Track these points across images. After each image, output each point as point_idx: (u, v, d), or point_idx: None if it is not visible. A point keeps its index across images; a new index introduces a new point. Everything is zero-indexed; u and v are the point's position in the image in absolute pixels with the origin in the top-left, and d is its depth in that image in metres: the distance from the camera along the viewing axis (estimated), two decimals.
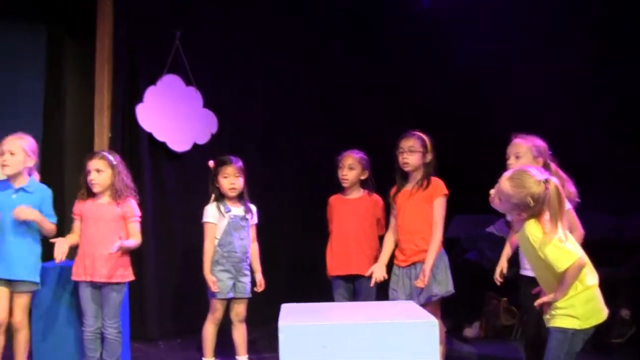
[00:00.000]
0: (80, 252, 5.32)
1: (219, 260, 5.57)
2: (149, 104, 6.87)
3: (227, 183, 5.63)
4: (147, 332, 6.76)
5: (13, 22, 7.34)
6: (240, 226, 5.64)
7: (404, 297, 5.24)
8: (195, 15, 7.12)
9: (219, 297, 5.54)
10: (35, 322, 5.47)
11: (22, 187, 5.26)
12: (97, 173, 5.30)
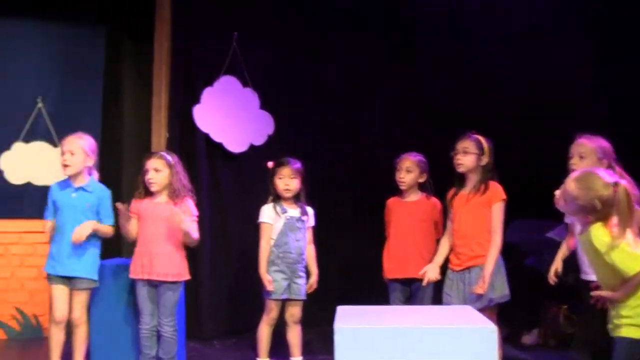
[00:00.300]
0: (138, 250, 5.36)
1: (274, 260, 5.59)
2: (206, 105, 6.92)
3: (282, 184, 5.64)
4: (203, 331, 6.81)
5: (73, 26, 7.48)
6: (296, 227, 5.64)
7: (458, 301, 5.19)
8: (252, 17, 7.14)
9: (273, 297, 5.57)
10: (93, 319, 5.53)
11: (81, 186, 5.33)
12: (155, 172, 5.34)
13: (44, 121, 7.36)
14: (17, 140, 7.30)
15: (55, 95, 7.47)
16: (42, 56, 7.46)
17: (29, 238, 6.96)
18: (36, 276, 6.83)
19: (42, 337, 6.85)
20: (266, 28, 7.19)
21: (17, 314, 7.00)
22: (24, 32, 7.39)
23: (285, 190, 5.65)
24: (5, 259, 7.00)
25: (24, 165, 7.28)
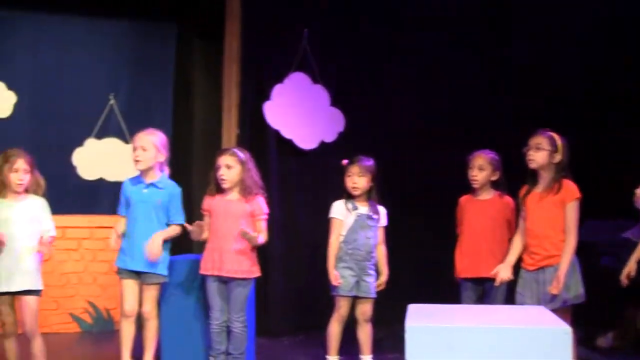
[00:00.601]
0: (209, 246, 5.37)
1: (342, 257, 5.57)
2: (277, 102, 6.93)
3: (350, 182, 5.62)
4: (272, 327, 6.82)
5: (144, 24, 7.56)
6: (366, 225, 5.60)
7: (531, 301, 5.08)
8: (323, 13, 7.13)
9: (340, 293, 5.55)
10: (163, 313, 5.58)
11: (153, 182, 5.37)
12: (227, 169, 5.34)
13: (116, 118, 7.46)
14: (90, 136, 7.41)
15: (126, 92, 7.57)
16: (114, 54, 7.57)
17: (101, 233, 7.05)
18: (108, 271, 6.92)
19: (114, 331, 6.95)
20: (337, 24, 7.16)
21: (90, 307, 7.11)
22: (96, 30, 7.50)
23: (353, 188, 5.61)
24: (78, 253, 7.11)
25: (96, 162, 7.39)
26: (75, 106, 7.37)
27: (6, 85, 7.13)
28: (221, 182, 5.36)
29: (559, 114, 6.56)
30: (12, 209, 4.97)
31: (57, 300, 6.95)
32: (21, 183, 4.98)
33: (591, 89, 7.26)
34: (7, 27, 7.23)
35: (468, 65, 7.37)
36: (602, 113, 7.09)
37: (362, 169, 5.62)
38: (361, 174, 5.61)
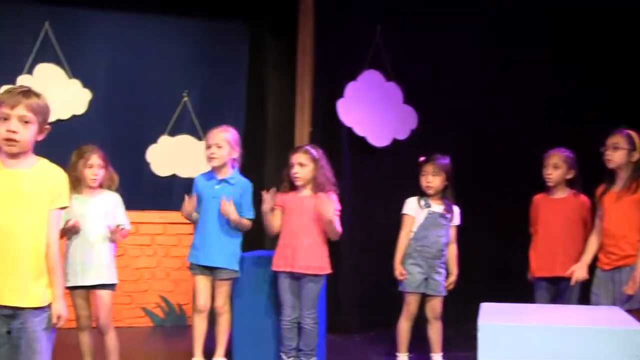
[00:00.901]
0: (282, 243, 5.37)
1: (411, 253, 5.54)
2: (350, 99, 6.91)
3: (424, 181, 5.58)
4: (343, 324, 6.81)
5: (218, 22, 7.61)
6: (438, 223, 5.55)
7: (606, 301, 4.95)
8: (396, 10, 7.07)
9: (407, 289, 5.53)
10: (235, 308, 5.59)
11: (225, 178, 5.39)
12: (300, 167, 5.34)
13: (189, 115, 7.53)
14: (164, 133, 7.49)
15: (200, 89, 7.63)
16: (188, 51, 7.64)
17: (174, 229, 7.13)
18: (180, 266, 6.98)
19: (185, 325, 7.02)
20: (409, 21, 7.09)
21: (162, 302, 7.18)
22: (171, 28, 7.58)
23: (427, 187, 5.57)
24: (151, 249, 7.19)
25: (170, 158, 7.47)
26: (150, 103, 7.46)
27: (82, 82, 7.24)
28: (294, 180, 5.36)
29: (634, 111, 6.37)
30: (86, 204, 5.02)
31: (130, 294, 7.05)
32: (95, 178, 5.03)
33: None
34: (83, 26, 7.35)
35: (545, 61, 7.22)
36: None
37: (436, 167, 5.57)
38: (435, 173, 5.56)
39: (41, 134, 3.48)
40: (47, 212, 3.45)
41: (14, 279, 3.35)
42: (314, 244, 5.31)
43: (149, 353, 6.23)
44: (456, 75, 7.19)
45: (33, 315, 3.38)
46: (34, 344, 3.38)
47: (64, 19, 7.25)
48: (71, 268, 4.91)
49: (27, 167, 3.45)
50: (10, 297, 3.35)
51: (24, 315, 3.37)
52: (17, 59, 7.10)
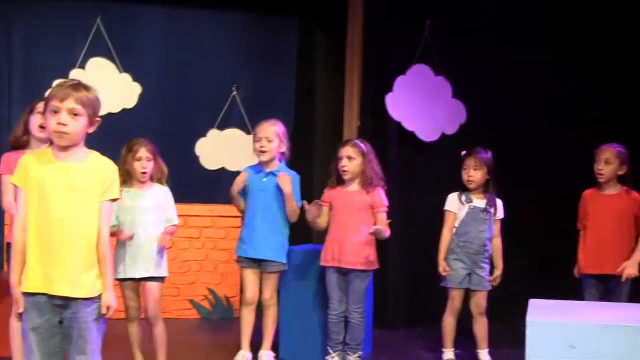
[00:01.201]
0: (330, 238, 5.38)
1: (454, 249, 5.52)
2: (399, 94, 6.88)
3: (465, 175, 5.55)
4: (389, 319, 6.79)
5: (268, 16, 7.63)
6: (480, 218, 5.51)
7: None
8: (446, 5, 7.02)
9: (450, 285, 5.51)
10: (283, 302, 5.63)
11: (272, 171, 5.42)
12: (349, 160, 5.33)
13: (238, 109, 7.56)
14: (213, 127, 7.53)
15: (249, 84, 7.65)
16: (237, 46, 7.66)
17: (222, 222, 7.18)
18: (228, 259, 7.02)
19: (233, 318, 7.07)
20: (459, 16, 7.04)
21: (210, 295, 7.23)
22: (221, 22, 7.62)
23: (468, 182, 5.54)
24: (199, 242, 7.24)
25: (219, 152, 7.51)
26: (199, 97, 7.51)
27: (132, 77, 7.31)
28: (342, 174, 5.35)
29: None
30: (137, 197, 5.06)
31: (178, 287, 7.10)
32: (144, 171, 5.06)
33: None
34: (134, 20, 7.42)
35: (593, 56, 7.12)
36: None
37: (478, 161, 5.52)
38: (477, 167, 5.52)
39: (92, 126, 3.51)
40: (98, 204, 3.49)
41: (66, 270, 3.40)
42: (362, 239, 5.30)
43: (197, 345, 6.27)
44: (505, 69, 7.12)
45: (84, 305, 3.43)
46: (85, 334, 3.43)
47: (116, 13, 7.33)
48: (121, 260, 4.97)
49: (79, 161, 3.50)
50: (62, 288, 3.40)
51: (75, 305, 3.43)
52: (70, 54, 7.19)
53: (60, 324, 3.46)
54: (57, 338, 3.47)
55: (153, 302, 5.06)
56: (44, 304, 3.42)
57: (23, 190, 3.47)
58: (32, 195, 3.44)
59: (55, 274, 3.40)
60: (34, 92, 6.21)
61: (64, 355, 3.52)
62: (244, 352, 5.45)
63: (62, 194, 3.42)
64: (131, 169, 5.05)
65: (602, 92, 7.07)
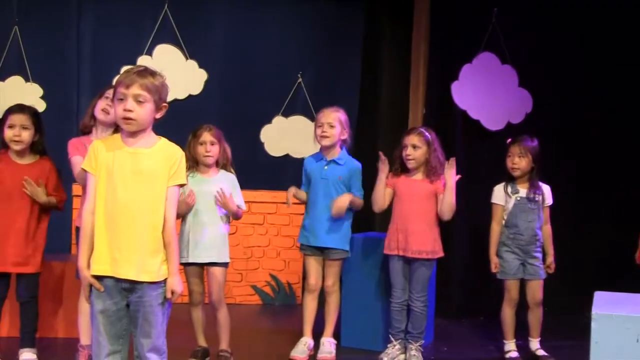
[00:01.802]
0: (393, 226, 5.35)
1: (505, 241, 5.48)
2: (464, 82, 6.82)
3: (510, 162, 5.52)
4: (452, 309, 6.76)
5: (333, 3, 7.63)
6: (527, 208, 5.46)
7: None
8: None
9: (505, 276, 5.47)
10: (345, 289, 5.65)
11: (333, 159, 5.41)
12: (414, 149, 5.30)
13: (303, 96, 7.57)
14: (278, 114, 7.57)
15: (314, 70, 7.66)
16: (303, 33, 7.68)
17: (286, 209, 7.16)
18: (291, 245, 7.07)
19: (295, 305, 7.12)
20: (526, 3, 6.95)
21: (272, 281, 7.28)
22: (285, 8, 7.64)
23: (512, 169, 5.49)
24: (263, 228, 7.29)
25: (283, 138, 7.55)
26: (264, 84, 7.54)
27: (198, 63, 7.38)
28: (407, 162, 5.33)
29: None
30: (203, 183, 5.10)
31: (241, 272, 7.17)
32: (208, 155, 5.09)
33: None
34: (200, 7, 7.48)
35: None
36: None
37: (523, 149, 5.46)
38: (522, 155, 5.46)
39: (159, 112, 3.55)
40: (165, 189, 3.53)
41: (132, 254, 3.45)
42: (427, 228, 5.28)
43: (259, 330, 6.32)
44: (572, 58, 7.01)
45: (150, 289, 3.48)
46: (150, 317, 3.48)
47: (182, 1, 7.40)
48: (184, 245, 5.01)
49: (147, 146, 3.54)
50: (128, 271, 3.46)
51: (141, 289, 3.47)
52: (137, 40, 7.30)
53: (127, 307, 3.52)
54: (124, 321, 3.53)
55: (217, 287, 5.10)
56: (112, 287, 3.48)
57: (92, 175, 3.53)
58: (101, 179, 3.50)
59: (121, 258, 3.45)
60: (102, 80, 6.32)
61: (130, 338, 3.58)
62: (306, 338, 5.46)
63: (128, 179, 3.47)
64: (195, 153, 5.09)
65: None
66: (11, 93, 7.00)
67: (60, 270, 5.69)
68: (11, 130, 4.82)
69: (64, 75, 7.39)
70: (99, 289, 3.48)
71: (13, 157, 4.91)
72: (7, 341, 5.17)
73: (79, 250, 3.59)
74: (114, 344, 3.52)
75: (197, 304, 5.17)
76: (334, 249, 5.37)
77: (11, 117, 4.84)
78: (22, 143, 4.85)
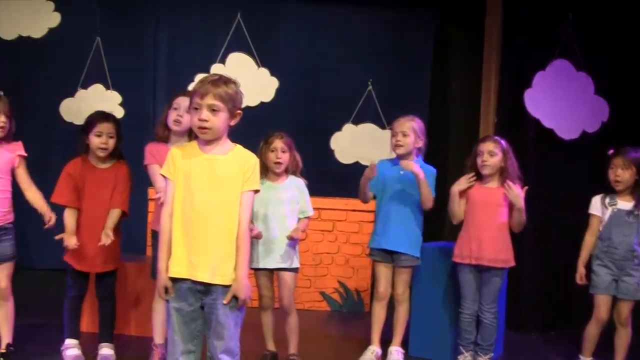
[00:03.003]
0: (465, 235, 5.31)
1: (598, 254, 5.33)
2: (538, 90, 6.71)
3: (612, 174, 5.34)
4: (522, 321, 6.64)
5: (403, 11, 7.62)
6: (624, 221, 5.27)
7: None
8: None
9: (595, 290, 5.30)
10: (414, 298, 5.60)
11: None
12: (490, 156, 5.25)
13: (374, 104, 7.58)
14: (348, 121, 7.58)
15: (384, 78, 7.67)
16: (373, 40, 7.69)
17: (355, 216, 7.19)
18: (360, 253, 7.06)
19: (362, 312, 7.10)
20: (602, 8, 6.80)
21: (341, 287, 7.27)
22: (357, 17, 7.67)
23: (615, 182, 5.32)
24: (332, 235, 7.28)
25: (353, 146, 7.56)
26: (335, 92, 7.58)
27: (269, 71, 7.45)
28: (482, 169, 5.28)
29: None
30: (272, 189, 5.14)
31: (310, 279, 7.18)
32: (278, 161, 5.14)
33: None
34: (272, 16, 7.56)
35: None
36: None
37: (626, 161, 5.29)
38: (625, 167, 5.29)
39: (233, 119, 3.63)
40: (239, 194, 3.59)
41: (207, 257, 3.53)
42: (500, 237, 5.23)
43: (327, 337, 6.32)
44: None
45: (223, 292, 3.54)
46: (223, 320, 3.54)
47: (255, 9, 7.49)
48: (255, 250, 5.04)
49: (223, 153, 3.63)
50: (203, 274, 3.53)
51: (215, 291, 3.54)
52: (211, 49, 7.43)
53: (201, 309, 3.59)
54: (198, 322, 3.60)
55: (287, 292, 5.14)
56: (188, 289, 3.56)
57: (171, 181, 3.63)
58: (179, 185, 3.59)
59: (197, 260, 3.52)
60: (177, 87, 6.41)
61: (203, 340, 3.64)
62: (374, 347, 5.44)
63: (204, 185, 3.55)
64: (266, 160, 5.14)
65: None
66: (93, 100, 7.26)
67: (135, 271, 5.82)
68: (99, 139, 4.97)
69: (141, 84, 7.60)
70: (170, 294, 3.57)
71: (93, 162, 5.05)
72: (86, 336, 5.31)
73: (158, 253, 3.66)
74: (187, 343, 3.60)
75: (267, 308, 5.21)
76: (404, 254, 5.34)
77: (99, 126, 4.99)
78: (107, 150, 5.02)
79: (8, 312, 4.93)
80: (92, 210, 4.99)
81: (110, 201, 5.00)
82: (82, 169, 5.01)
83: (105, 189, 5.01)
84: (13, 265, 4.93)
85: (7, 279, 4.89)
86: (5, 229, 4.86)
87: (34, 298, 6.58)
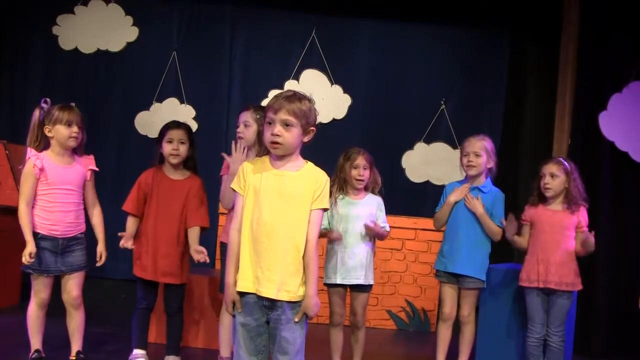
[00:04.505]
0: (532, 258, 5.26)
1: None
2: (613, 112, 6.59)
3: None
4: (591, 346, 6.51)
5: (477, 30, 7.61)
6: None
7: None
8: None
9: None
10: (480, 319, 5.57)
11: (478, 186, 5.37)
12: (551, 178, 5.22)
13: (446, 123, 7.56)
14: (420, 140, 7.58)
15: (457, 97, 7.66)
16: (446, 59, 7.69)
17: (425, 235, 7.18)
18: (428, 272, 7.03)
19: (429, 332, 7.07)
20: None
21: (408, 307, 7.26)
22: (430, 36, 7.70)
23: None
24: (401, 253, 7.27)
25: (424, 165, 7.55)
26: (407, 110, 7.60)
27: (342, 88, 7.49)
28: (545, 191, 5.24)
29: None
30: (351, 205, 5.17)
31: (377, 296, 7.18)
32: (361, 179, 5.17)
33: None
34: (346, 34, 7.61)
35: None
36: None
37: None
38: None
39: (306, 135, 3.64)
40: (309, 211, 3.61)
41: (273, 273, 3.55)
42: (568, 259, 5.17)
43: (393, 355, 6.30)
44: None
45: (289, 307, 3.56)
46: (288, 335, 3.56)
47: (329, 27, 7.57)
48: (331, 266, 5.10)
49: (294, 170, 3.64)
50: (268, 290, 3.55)
51: (280, 307, 3.56)
52: (285, 65, 7.51)
53: (267, 324, 3.61)
54: (264, 337, 3.62)
55: (361, 309, 5.19)
56: (254, 303, 3.59)
57: (240, 195, 3.66)
58: (248, 199, 3.63)
59: (263, 276, 3.55)
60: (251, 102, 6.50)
61: (269, 354, 3.66)
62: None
63: (273, 200, 3.57)
64: (347, 177, 5.17)
65: None
66: (167, 113, 7.39)
67: (204, 284, 5.87)
68: (170, 145, 5.04)
69: (215, 98, 7.71)
70: (237, 308, 3.60)
71: (167, 172, 5.12)
72: (154, 347, 5.38)
73: (226, 267, 3.70)
74: (252, 357, 3.61)
75: (337, 324, 5.22)
76: (469, 277, 5.31)
77: (170, 133, 5.06)
78: (179, 157, 5.07)
79: (79, 321, 5.01)
80: (159, 219, 5.04)
81: (189, 219, 5.06)
82: (153, 179, 5.08)
83: (176, 200, 5.06)
84: (84, 275, 5.01)
85: (79, 288, 4.97)
86: (78, 239, 4.95)
87: (104, 307, 6.73)
